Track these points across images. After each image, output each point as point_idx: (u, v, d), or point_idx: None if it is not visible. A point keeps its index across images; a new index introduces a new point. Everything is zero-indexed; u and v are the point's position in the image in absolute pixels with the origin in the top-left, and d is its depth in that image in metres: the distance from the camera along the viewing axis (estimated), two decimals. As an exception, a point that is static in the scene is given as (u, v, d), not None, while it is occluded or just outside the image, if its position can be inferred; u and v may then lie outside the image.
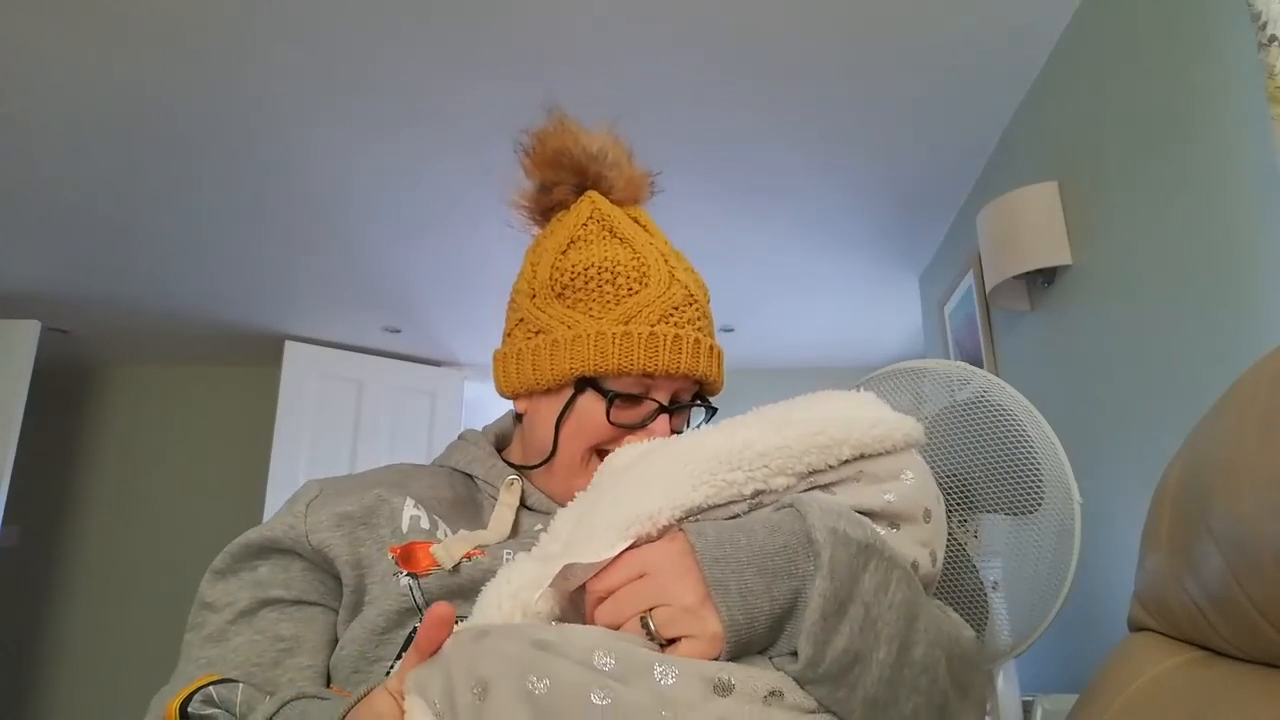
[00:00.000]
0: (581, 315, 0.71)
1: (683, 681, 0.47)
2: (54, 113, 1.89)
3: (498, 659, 0.46)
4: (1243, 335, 1.12)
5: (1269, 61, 0.98)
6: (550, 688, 0.44)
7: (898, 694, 0.51)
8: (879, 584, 0.51)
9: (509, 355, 0.75)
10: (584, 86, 1.82)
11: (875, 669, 0.50)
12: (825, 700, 0.50)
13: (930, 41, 1.67)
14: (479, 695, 0.45)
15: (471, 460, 0.77)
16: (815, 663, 0.49)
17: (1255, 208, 1.09)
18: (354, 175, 2.21)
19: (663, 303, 0.71)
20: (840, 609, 0.49)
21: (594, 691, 0.44)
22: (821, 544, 0.50)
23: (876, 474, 0.60)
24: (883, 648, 0.50)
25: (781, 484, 0.58)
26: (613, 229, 0.75)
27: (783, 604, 0.50)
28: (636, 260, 0.73)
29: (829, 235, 2.61)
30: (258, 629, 0.65)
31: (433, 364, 3.78)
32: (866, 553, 0.52)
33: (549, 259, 0.75)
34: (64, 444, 3.78)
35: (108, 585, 3.63)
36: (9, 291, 2.92)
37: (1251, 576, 0.46)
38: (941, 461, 0.94)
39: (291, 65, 1.74)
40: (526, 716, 0.43)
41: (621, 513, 0.56)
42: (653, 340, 0.69)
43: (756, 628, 0.50)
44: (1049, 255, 1.65)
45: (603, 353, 0.69)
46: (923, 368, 1.00)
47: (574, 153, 0.77)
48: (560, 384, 0.71)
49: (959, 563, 0.92)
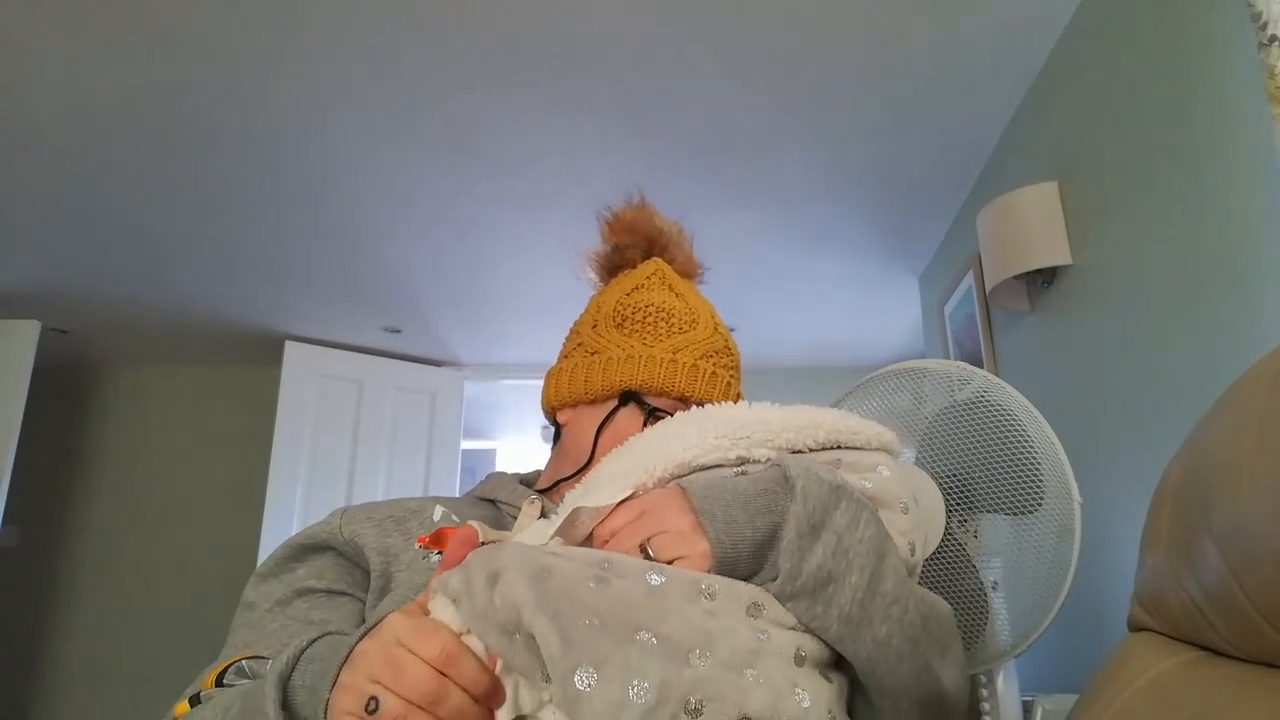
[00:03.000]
0: (636, 342, 0.82)
1: (671, 584, 0.53)
2: (54, 113, 1.89)
3: (510, 555, 0.52)
4: (1243, 335, 1.12)
5: (1269, 61, 0.98)
6: (552, 574, 0.50)
7: (871, 617, 0.56)
8: (850, 520, 0.58)
9: (564, 370, 0.85)
10: (585, 87, 1.82)
11: (848, 590, 0.55)
12: (803, 616, 0.56)
13: (930, 41, 1.67)
14: (491, 582, 0.50)
15: (495, 488, 0.84)
16: (793, 576, 0.55)
17: (1256, 207, 1.09)
18: (354, 175, 2.21)
19: (706, 345, 0.82)
20: (814, 531, 0.57)
21: (590, 580, 0.51)
22: (796, 478, 0.59)
23: (855, 464, 0.67)
24: (854, 573, 0.56)
25: (763, 455, 0.66)
26: (671, 285, 0.87)
27: (763, 533, 0.58)
28: (688, 309, 0.84)
29: (829, 235, 2.61)
30: (291, 615, 0.70)
31: (433, 364, 3.78)
32: (838, 492, 0.59)
33: (614, 297, 0.86)
34: (64, 444, 3.78)
35: (108, 585, 3.63)
36: (9, 291, 2.92)
37: (1251, 576, 0.46)
38: (941, 461, 0.94)
39: (291, 65, 1.74)
40: (529, 592, 0.48)
41: (621, 469, 0.64)
42: (694, 371, 0.80)
43: (740, 550, 0.57)
44: (1049, 255, 1.65)
45: (651, 372, 0.79)
46: (923, 368, 1.00)
47: (647, 225, 0.90)
48: (607, 395, 0.81)
49: (959, 563, 0.92)
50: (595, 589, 0.50)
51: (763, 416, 0.68)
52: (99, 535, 3.69)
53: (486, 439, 5.70)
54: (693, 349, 0.81)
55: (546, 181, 2.24)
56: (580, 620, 0.48)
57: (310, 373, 3.42)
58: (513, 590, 0.49)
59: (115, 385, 3.87)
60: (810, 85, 1.82)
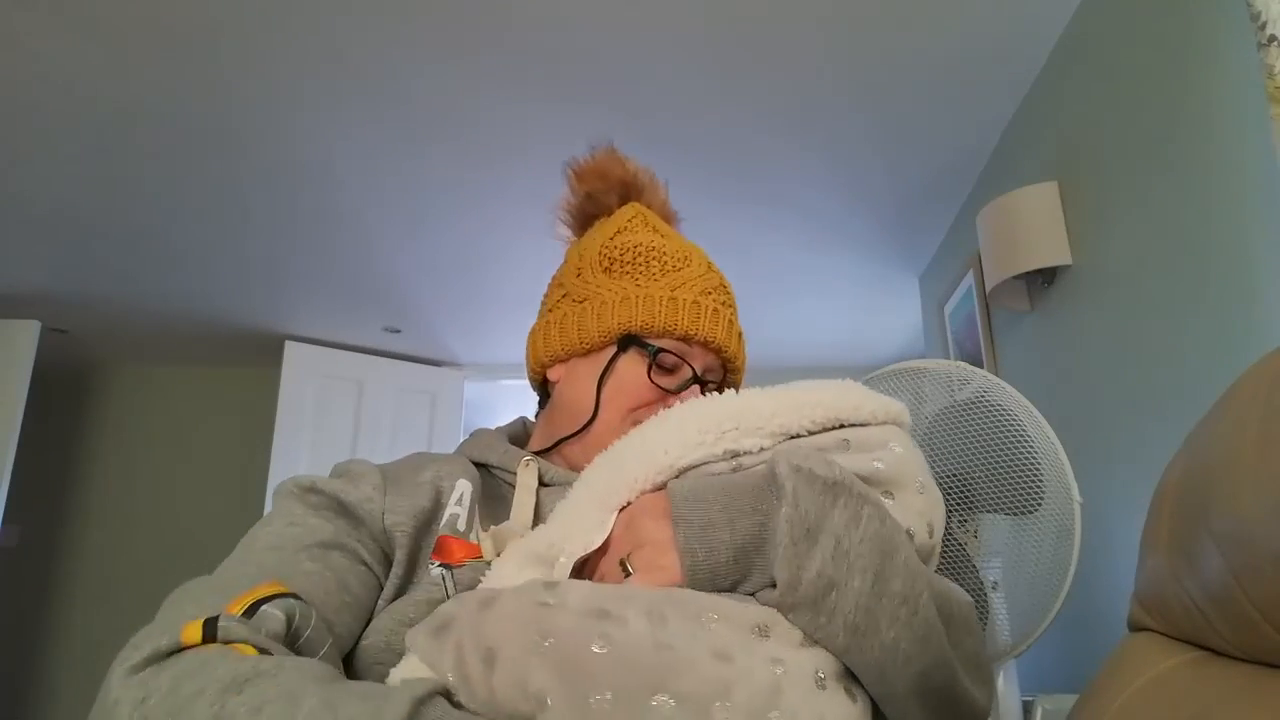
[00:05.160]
0: (629, 284, 0.76)
1: (674, 623, 0.49)
2: (54, 113, 1.89)
3: (504, 625, 0.48)
4: (1243, 335, 1.12)
5: (1269, 61, 0.98)
6: (552, 635, 0.47)
7: (878, 623, 0.51)
8: (849, 518, 0.53)
9: (550, 324, 0.79)
10: (585, 87, 1.82)
11: (852, 596, 0.51)
12: (808, 628, 0.52)
13: (930, 41, 1.67)
14: (488, 665, 0.47)
15: (486, 448, 0.77)
16: (792, 587, 0.51)
17: (1255, 207, 1.09)
18: (354, 175, 2.21)
19: (703, 281, 0.77)
20: (810, 536, 0.52)
21: (594, 643, 0.47)
22: (784, 478, 0.54)
23: (864, 443, 0.61)
24: (857, 577, 0.51)
25: (754, 444, 0.60)
26: (655, 227, 0.82)
27: (745, 535, 0.54)
28: (680, 248, 0.79)
29: (829, 235, 2.61)
30: (329, 565, 0.61)
31: (433, 364, 3.78)
32: (834, 489, 0.53)
33: (597, 243, 0.80)
34: (64, 444, 3.77)
35: (108, 585, 3.62)
36: (9, 291, 2.92)
37: (1251, 576, 0.46)
38: (941, 461, 0.94)
39: (291, 65, 1.74)
40: (532, 676, 0.45)
41: (599, 491, 0.60)
42: (696, 308, 0.75)
43: (716, 557, 0.53)
44: (1049, 255, 1.65)
45: (650, 312, 0.74)
46: (923, 368, 1.00)
47: (619, 170, 0.85)
48: (604, 342, 0.75)
49: (959, 563, 0.92)
50: (600, 654, 0.47)
51: (749, 403, 0.62)
52: (99, 535, 3.69)
53: (486, 439, 5.69)
54: (690, 286, 0.76)
55: (547, 181, 2.23)
56: (592, 697, 0.45)
57: (310, 373, 3.42)
58: (514, 673, 0.46)
59: (115, 385, 3.87)
60: (810, 85, 1.82)
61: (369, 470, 0.69)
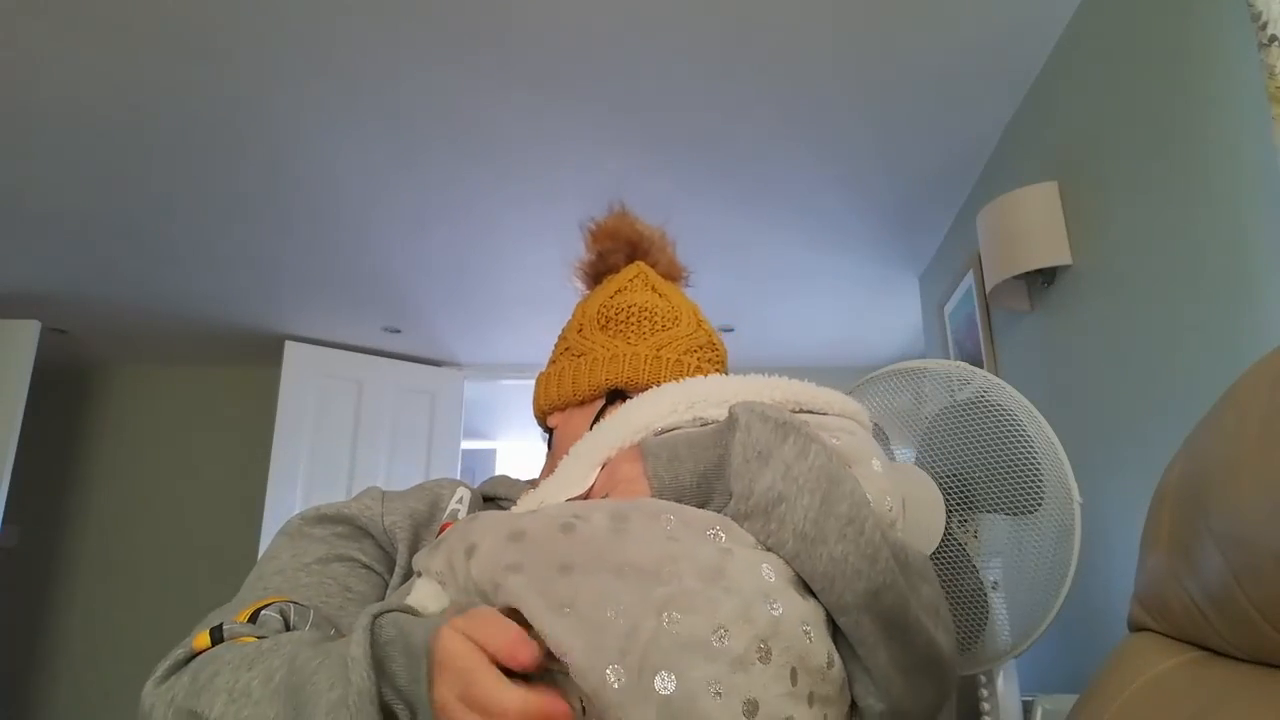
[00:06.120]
0: (620, 342, 0.83)
1: (633, 516, 0.56)
2: (54, 113, 1.89)
3: (484, 524, 0.55)
4: (1243, 335, 1.12)
5: (1269, 61, 0.98)
6: (524, 534, 0.53)
7: (825, 534, 0.56)
8: (798, 451, 0.60)
9: (551, 375, 0.86)
10: (585, 87, 1.82)
11: (800, 510, 0.57)
12: (759, 535, 0.57)
13: (930, 41, 1.67)
14: (469, 555, 0.52)
15: (498, 484, 0.84)
16: (745, 496, 0.58)
17: (1256, 207, 1.09)
18: (354, 175, 2.21)
19: (689, 340, 0.84)
20: (762, 458, 0.59)
21: (557, 529, 0.53)
22: (739, 415, 0.62)
23: (823, 424, 0.67)
24: (805, 495, 0.57)
25: (719, 414, 0.67)
26: (654, 286, 0.88)
27: (705, 464, 0.62)
28: (671, 308, 0.86)
29: (829, 235, 2.61)
30: (329, 575, 0.67)
31: (433, 364, 3.78)
32: (784, 429, 0.61)
33: (598, 301, 0.87)
34: (64, 444, 3.77)
35: (108, 585, 3.62)
36: (9, 291, 2.92)
37: (1251, 576, 0.46)
38: (941, 461, 0.94)
39: (291, 65, 1.74)
40: (501, 556, 0.51)
41: (587, 449, 0.68)
42: (678, 366, 0.81)
43: (681, 481, 0.62)
44: (1049, 255, 1.65)
45: (635, 369, 0.81)
46: (923, 368, 1.00)
47: (628, 231, 0.92)
48: (594, 394, 0.82)
49: (959, 563, 0.92)
50: (562, 536, 0.53)
51: (716, 384, 0.70)
52: (99, 535, 3.69)
53: (486, 439, 5.69)
54: (676, 345, 0.83)
55: (548, 181, 2.24)
56: (550, 569, 0.50)
57: (310, 372, 3.42)
58: (490, 557, 0.51)
59: (115, 385, 3.87)
60: (810, 86, 1.82)
61: (372, 490, 0.76)
